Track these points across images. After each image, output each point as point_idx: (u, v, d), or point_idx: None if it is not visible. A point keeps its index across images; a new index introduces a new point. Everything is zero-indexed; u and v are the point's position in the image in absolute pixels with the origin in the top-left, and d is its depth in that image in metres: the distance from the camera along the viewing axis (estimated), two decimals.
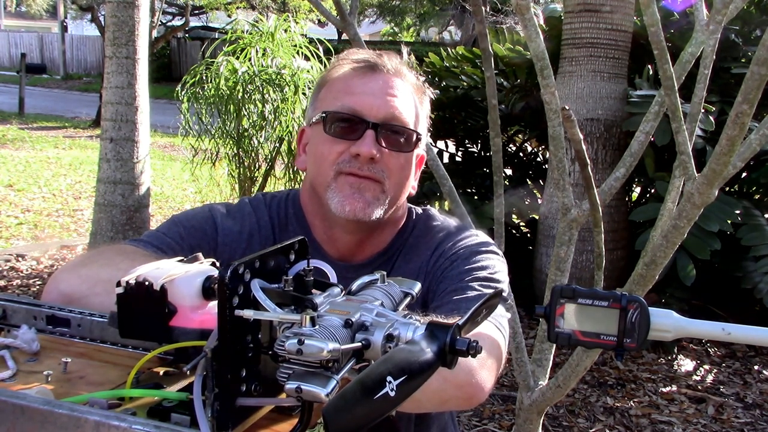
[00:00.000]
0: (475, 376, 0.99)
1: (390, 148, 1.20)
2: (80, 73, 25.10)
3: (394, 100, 1.21)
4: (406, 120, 1.22)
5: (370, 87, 1.21)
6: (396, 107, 1.21)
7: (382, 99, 1.20)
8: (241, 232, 1.27)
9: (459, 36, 20.97)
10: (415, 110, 1.25)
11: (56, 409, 0.63)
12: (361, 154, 1.17)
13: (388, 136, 1.20)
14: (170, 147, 11.28)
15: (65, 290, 1.05)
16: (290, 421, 0.76)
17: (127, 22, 4.36)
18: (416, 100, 1.26)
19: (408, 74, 1.26)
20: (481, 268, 1.21)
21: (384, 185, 1.20)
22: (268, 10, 18.14)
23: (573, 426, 3.29)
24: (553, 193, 4.13)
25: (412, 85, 1.26)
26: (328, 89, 1.26)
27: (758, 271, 3.81)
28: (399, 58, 1.28)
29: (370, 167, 1.18)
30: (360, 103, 1.20)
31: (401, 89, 1.23)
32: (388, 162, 1.20)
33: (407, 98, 1.23)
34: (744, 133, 1.39)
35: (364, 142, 1.17)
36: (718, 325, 0.76)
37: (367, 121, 1.19)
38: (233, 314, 0.68)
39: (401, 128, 1.21)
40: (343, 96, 1.21)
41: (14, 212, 6.82)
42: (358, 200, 1.18)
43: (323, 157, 1.21)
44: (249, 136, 4.89)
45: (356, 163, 1.18)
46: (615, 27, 4.18)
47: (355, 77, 1.23)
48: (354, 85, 1.22)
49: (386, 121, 1.20)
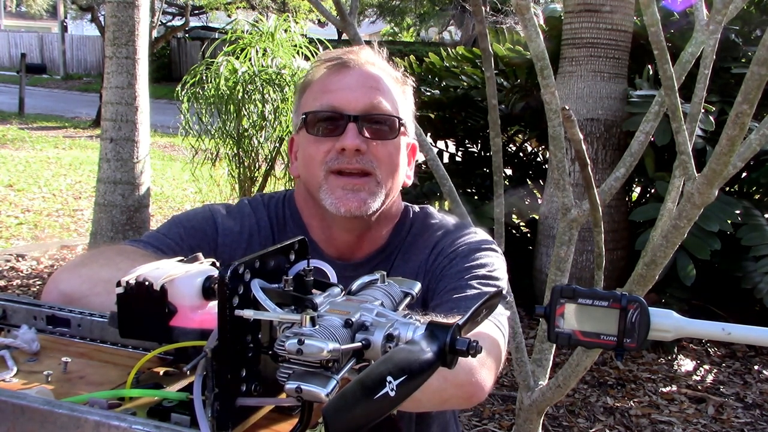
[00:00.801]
0: (475, 375, 0.99)
1: (375, 137, 1.20)
2: (80, 73, 25.10)
3: (372, 90, 1.21)
4: (386, 108, 1.21)
5: (345, 82, 1.22)
6: (374, 96, 1.21)
7: (359, 91, 1.21)
8: (241, 232, 1.27)
9: (459, 36, 20.98)
10: (397, 98, 1.25)
11: (56, 409, 0.63)
12: (345, 147, 1.17)
13: (370, 127, 1.20)
14: (170, 147, 11.28)
15: (65, 290, 1.05)
16: (290, 421, 0.76)
17: (127, 22, 4.36)
18: (396, 89, 1.26)
19: (383, 65, 1.27)
20: (480, 266, 1.20)
21: (377, 176, 1.20)
22: (268, 10, 18.14)
23: (573, 426, 3.29)
24: (553, 193, 4.13)
25: (390, 76, 1.26)
26: (308, 93, 1.26)
27: (758, 271, 3.81)
28: (371, 50, 1.29)
29: (357, 159, 1.18)
30: (337, 99, 1.20)
31: (377, 79, 1.23)
32: (376, 152, 1.20)
33: (385, 87, 1.23)
34: (744, 133, 1.39)
35: (347, 136, 1.17)
36: (718, 325, 0.76)
37: (347, 114, 1.19)
38: (233, 314, 0.68)
39: (383, 116, 1.21)
40: (321, 96, 1.22)
41: (14, 212, 6.82)
42: (351, 200, 1.18)
43: (311, 158, 1.21)
44: (249, 136, 4.89)
45: (344, 158, 1.18)
46: (615, 27, 4.18)
47: (330, 76, 1.24)
48: (329, 83, 1.23)
49: (366, 111, 1.20)
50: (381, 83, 1.23)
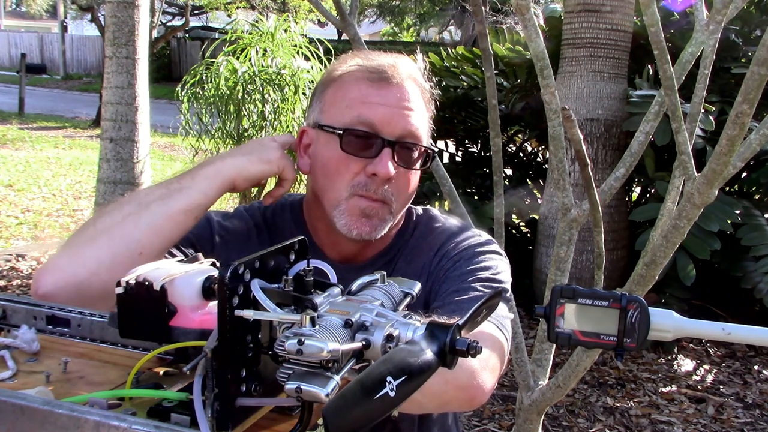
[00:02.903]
0: (477, 378, 0.98)
1: (403, 165, 1.17)
2: (80, 73, 25.09)
3: (411, 114, 1.17)
4: (421, 136, 1.18)
5: (387, 99, 1.15)
6: (411, 123, 1.16)
7: (399, 114, 1.15)
8: (238, 236, 1.27)
9: (459, 36, 20.97)
10: (427, 121, 1.22)
11: (56, 409, 0.63)
12: (378, 174, 1.13)
13: (402, 153, 1.16)
14: (170, 147, 11.28)
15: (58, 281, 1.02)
16: (290, 421, 0.76)
17: (127, 22, 4.36)
18: (427, 107, 1.23)
19: (421, 80, 1.22)
20: (484, 269, 1.20)
21: (392, 206, 1.18)
22: (268, 10, 18.13)
23: (573, 426, 3.29)
24: (553, 193, 4.13)
25: (424, 91, 1.22)
26: (338, 92, 1.19)
27: (758, 271, 3.81)
28: (413, 62, 1.24)
29: (382, 190, 1.15)
30: (377, 117, 1.14)
31: (415, 101, 1.18)
32: (399, 182, 1.17)
33: (421, 110, 1.19)
34: (744, 133, 1.39)
35: (381, 162, 1.13)
36: (718, 325, 0.76)
37: (384, 138, 1.14)
38: (233, 314, 0.68)
39: (416, 145, 1.18)
40: (358, 106, 1.15)
41: (14, 212, 6.82)
42: (365, 224, 1.16)
43: (337, 173, 1.16)
44: (249, 136, 4.89)
45: (372, 185, 1.15)
46: (615, 27, 4.18)
47: (370, 87, 1.16)
48: (368, 95, 1.16)
49: (402, 138, 1.15)
50: (418, 105, 1.19)
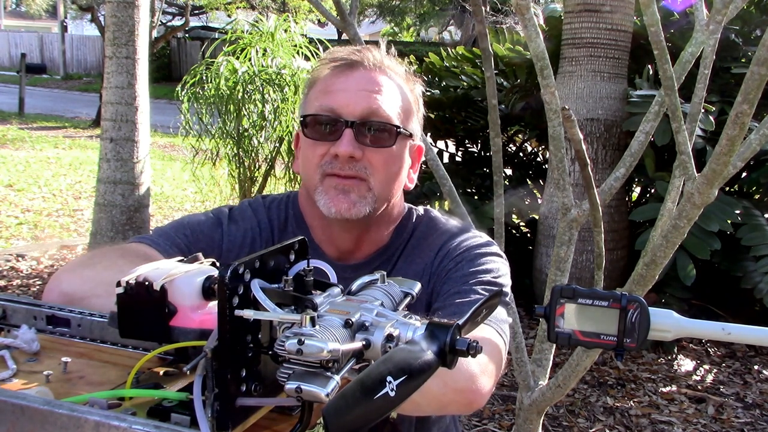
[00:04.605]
0: (476, 381, 0.98)
1: (371, 144, 1.19)
2: (80, 73, 25.09)
3: (373, 95, 1.19)
4: (387, 114, 1.19)
5: (347, 84, 1.20)
6: (375, 102, 1.19)
7: (359, 95, 1.19)
8: (244, 237, 1.28)
9: (459, 36, 20.97)
10: (401, 102, 1.23)
11: (56, 409, 0.63)
12: (339, 154, 1.17)
13: (367, 133, 1.18)
14: (170, 147, 11.28)
15: (67, 290, 1.05)
16: (290, 421, 0.76)
17: (127, 22, 4.36)
18: (404, 90, 1.24)
19: (393, 65, 1.25)
20: (485, 272, 1.20)
21: (369, 182, 1.19)
22: (268, 10, 18.13)
23: (573, 426, 3.29)
24: (553, 193, 4.13)
25: (399, 76, 1.24)
26: (309, 90, 1.26)
27: (758, 271, 3.81)
28: (378, 50, 1.25)
29: (351, 166, 1.18)
30: (336, 102, 1.18)
31: (383, 83, 1.21)
32: (371, 159, 1.19)
33: (389, 91, 1.21)
34: (744, 133, 1.39)
35: (342, 142, 1.16)
36: (718, 325, 0.76)
37: (344, 119, 1.17)
38: (233, 314, 0.68)
39: (380, 123, 1.19)
40: (321, 96, 1.21)
41: (14, 212, 6.82)
42: (342, 201, 1.18)
43: (308, 160, 1.22)
44: (249, 136, 4.89)
45: (337, 163, 1.18)
46: (615, 27, 4.18)
47: (333, 76, 1.22)
48: (331, 84, 1.21)
49: (364, 117, 1.18)
50: (387, 87, 1.21)
